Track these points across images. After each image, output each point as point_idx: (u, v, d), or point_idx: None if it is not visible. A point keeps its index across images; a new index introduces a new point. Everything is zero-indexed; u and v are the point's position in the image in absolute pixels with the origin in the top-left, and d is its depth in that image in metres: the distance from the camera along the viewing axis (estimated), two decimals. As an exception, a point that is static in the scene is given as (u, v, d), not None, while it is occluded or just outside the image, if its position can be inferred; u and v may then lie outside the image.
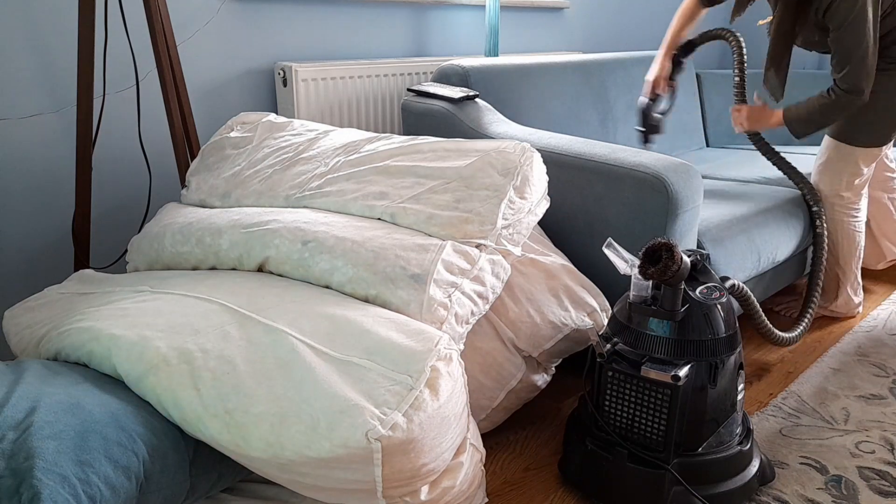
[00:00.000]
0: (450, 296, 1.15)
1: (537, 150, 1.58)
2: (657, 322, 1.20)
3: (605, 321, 1.45)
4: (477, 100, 1.85)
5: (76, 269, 1.60)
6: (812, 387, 1.67)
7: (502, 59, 2.04)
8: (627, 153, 1.53)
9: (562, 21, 2.75)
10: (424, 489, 0.99)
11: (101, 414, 0.91)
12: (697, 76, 2.81)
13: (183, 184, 1.60)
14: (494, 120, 1.80)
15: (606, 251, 1.23)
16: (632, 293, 1.23)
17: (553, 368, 1.45)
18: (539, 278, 1.39)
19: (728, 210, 1.77)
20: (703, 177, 2.28)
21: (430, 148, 1.38)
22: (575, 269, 1.47)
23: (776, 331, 1.71)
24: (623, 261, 1.23)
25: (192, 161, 1.64)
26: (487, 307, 1.24)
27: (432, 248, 1.19)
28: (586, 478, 1.27)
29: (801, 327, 1.83)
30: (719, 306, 1.21)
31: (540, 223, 1.63)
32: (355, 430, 0.89)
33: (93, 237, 1.74)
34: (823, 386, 1.68)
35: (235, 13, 1.84)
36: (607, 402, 1.24)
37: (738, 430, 1.27)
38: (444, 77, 1.94)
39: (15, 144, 1.57)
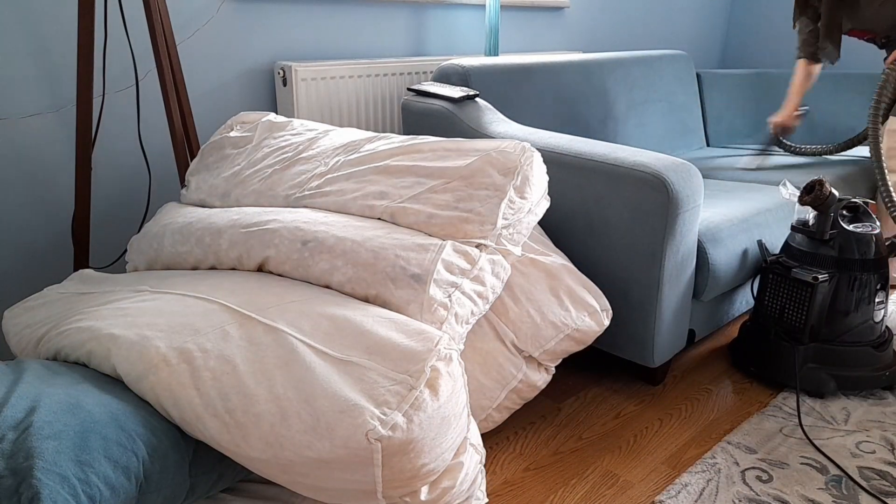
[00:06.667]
0: (450, 296, 1.15)
1: (537, 149, 1.58)
2: (808, 240, 1.62)
3: (606, 321, 1.45)
4: (477, 99, 1.85)
5: (76, 269, 1.60)
6: (812, 387, 1.67)
7: (502, 59, 2.04)
8: (627, 153, 1.52)
9: (562, 21, 2.75)
10: (424, 489, 0.99)
11: (100, 414, 0.91)
12: (698, 76, 2.81)
13: (182, 183, 1.60)
14: (494, 119, 1.80)
15: (781, 188, 1.70)
16: (795, 218, 1.69)
17: (553, 368, 1.45)
18: (539, 278, 1.39)
19: (728, 210, 1.77)
20: (703, 177, 2.28)
21: (430, 147, 1.38)
22: (575, 269, 1.47)
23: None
24: (790, 193, 1.70)
25: (191, 161, 1.64)
26: (487, 307, 1.24)
27: (432, 248, 1.18)
28: (749, 353, 1.74)
29: None
30: (863, 237, 1.58)
31: (540, 223, 1.63)
32: (355, 430, 0.89)
33: (93, 237, 1.73)
34: (824, 386, 1.68)
35: (235, 13, 1.84)
36: (767, 298, 1.68)
37: (876, 337, 1.64)
38: (445, 76, 1.94)
39: (15, 144, 1.57)
